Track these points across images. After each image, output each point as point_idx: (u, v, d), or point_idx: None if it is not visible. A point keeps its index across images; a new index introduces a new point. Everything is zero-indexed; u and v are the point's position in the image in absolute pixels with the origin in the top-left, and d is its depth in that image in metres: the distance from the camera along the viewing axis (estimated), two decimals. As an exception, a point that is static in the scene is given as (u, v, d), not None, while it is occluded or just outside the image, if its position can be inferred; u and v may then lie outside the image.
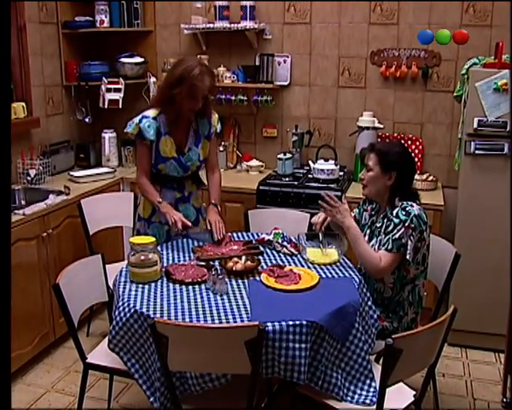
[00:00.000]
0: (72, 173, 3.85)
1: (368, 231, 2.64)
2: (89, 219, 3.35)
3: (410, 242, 2.38)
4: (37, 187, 3.62)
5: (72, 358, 3.28)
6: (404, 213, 2.42)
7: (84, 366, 2.45)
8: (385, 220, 2.51)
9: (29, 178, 3.65)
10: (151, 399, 2.13)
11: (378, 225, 2.56)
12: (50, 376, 3.17)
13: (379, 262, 2.39)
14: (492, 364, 3.30)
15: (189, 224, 2.76)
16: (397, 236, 2.39)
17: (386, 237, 2.42)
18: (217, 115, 2.96)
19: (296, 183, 3.67)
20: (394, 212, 2.45)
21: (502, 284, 3.18)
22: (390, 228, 2.43)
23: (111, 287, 2.63)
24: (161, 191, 2.88)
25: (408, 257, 2.39)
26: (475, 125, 3.16)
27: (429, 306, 3.16)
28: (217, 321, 2.05)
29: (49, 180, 3.74)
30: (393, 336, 1.82)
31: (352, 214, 2.78)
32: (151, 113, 2.79)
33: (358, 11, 3.80)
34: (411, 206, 2.44)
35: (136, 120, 2.78)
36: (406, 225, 2.39)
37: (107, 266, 2.66)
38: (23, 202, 3.48)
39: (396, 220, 2.42)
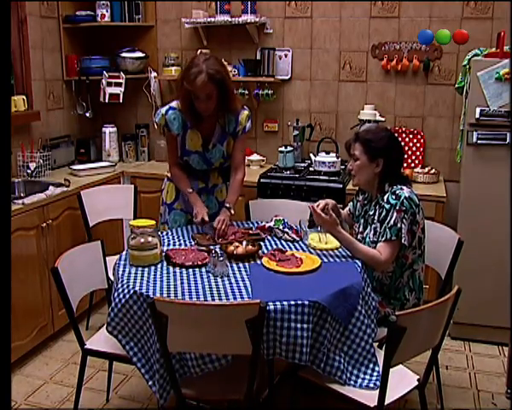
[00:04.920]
0: (72, 167, 3.84)
1: (362, 221, 2.62)
2: (89, 211, 3.33)
3: (403, 225, 2.35)
4: (37, 180, 3.60)
5: (71, 350, 3.25)
6: (394, 197, 2.40)
7: (83, 353, 2.42)
8: (377, 208, 2.49)
9: (29, 171, 3.63)
10: (149, 382, 2.10)
11: (371, 213, 2.53)
12: (49, 368, 3.13)
13: (379, 256, 2.37)
14: (496, 357, 3.26)
15: (207, 220, 2.71)
16: (391, 222, 2.36)
17: (383, 227, 2.40)
18: (247, 112, 2.84)
19: (297, 175, 3.65)
20: (385, 198, 2.43)
21: (505, 277, 3.15)
22: (383, 216, 2.41)
23: (111, 278, 2.61)
24: None
25: (403, 241, 2.35)
26: (477, 115, 3.14)
27: (432, 298, 3.14)
28: (217, 301, 2.02)
29: (49, 174, 3.72)
30: (397, 313, 1.79)
31: (347, 209, 2.78)
32: (177, 104, 2.78)
33: (359, 5, 3.80)
34: (401, 189, 2.41)
35: (163, 110, 2.79)
36: (397, 208, 2.36)
37: (107, 258, 2.64)
38: (22, 195, 3.45)
39: (387, 206, 2.40)
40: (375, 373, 2.13)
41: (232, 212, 2.79)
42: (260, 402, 2.51)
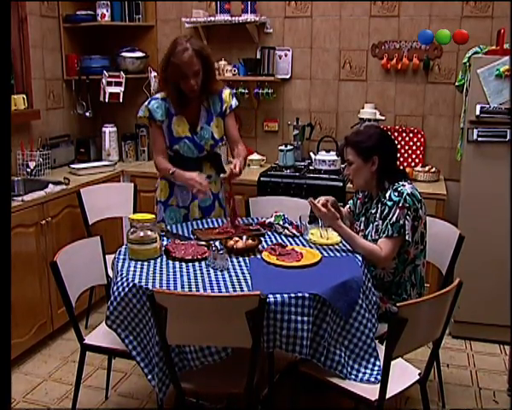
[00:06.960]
0: (71, 166, 3.83)
1: (363, 219, 2.61)
2: (88, 209, 3.33)
3: (407, 222, 2.35)
4: (36, 178, 3.60)
5: (70, 349, 3.24)
6: (396, 194, 2.39)
7: (82, 348, 2.40)
8: (379, 205, 2.48)
9: (28, 169, 3.63)
10: (148, 376, 2.09)
11: (373, 211, 2.53)
12: (48, 366, 3.11)
13: (380, 252, 2.36)
14: (497, 355, 3.24)
15: (208, 180, 2.77)
16: (394, 219, 2.36)
17: (384, 223, 2.39)
18: (229, 90, 2.91)
19: (297, 174, 3.64)
20: (387, 195, 2.43)
21: (506, 276, 3.14)
22: (385, 212, 2.40)
23: (110, 275, 2.60)
24: None
25: (407, 237, 2.35)
26: (478, 113, 3.13)
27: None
28: (217, 292, 2.01)
29: (48, 173, 3.72)
30: (398, 305, 1.78)
31: (347, 206, 2.77)
32: (159, 95, 2.84)
33: (359, 4, 3.80)
34: (403, 185, 2.41)
35: (146, 103, 2.86)
36: (400, 205, 2.36)
37: (106, 256, 2.63)
38: (22, 193, 3.44)
39: (389, 203, 2.39)
40: (376, 367, 2.11)
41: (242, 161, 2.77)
42: (260, 400, 2.50)
